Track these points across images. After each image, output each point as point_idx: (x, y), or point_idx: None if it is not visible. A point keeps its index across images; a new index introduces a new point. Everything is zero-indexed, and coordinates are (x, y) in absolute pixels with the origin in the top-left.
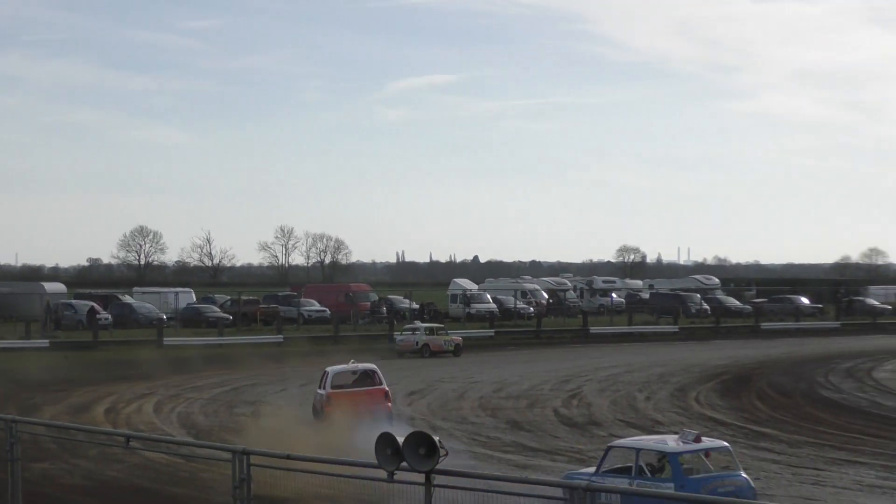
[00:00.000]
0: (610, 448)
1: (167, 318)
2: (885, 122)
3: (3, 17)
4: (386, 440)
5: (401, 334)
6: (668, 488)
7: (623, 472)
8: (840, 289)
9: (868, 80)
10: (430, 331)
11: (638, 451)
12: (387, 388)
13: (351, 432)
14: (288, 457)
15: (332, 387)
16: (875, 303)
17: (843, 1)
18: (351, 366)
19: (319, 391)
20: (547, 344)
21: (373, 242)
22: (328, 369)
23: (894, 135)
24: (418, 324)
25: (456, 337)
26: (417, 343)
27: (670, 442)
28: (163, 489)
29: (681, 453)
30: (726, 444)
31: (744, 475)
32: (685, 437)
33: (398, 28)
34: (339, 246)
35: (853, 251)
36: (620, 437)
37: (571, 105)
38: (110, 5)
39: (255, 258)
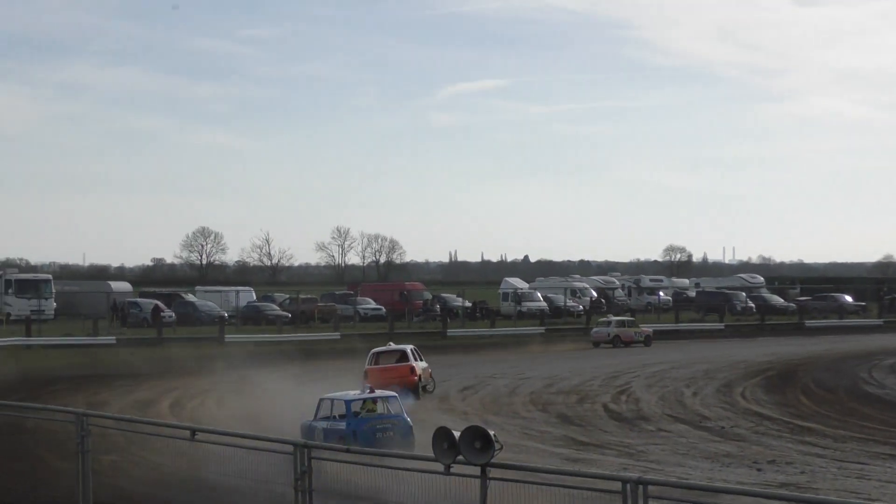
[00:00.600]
0: (321, 400)
1: (228, 316)
2: None
3: (70, 28)
4: (442, 434)
5: (596, 327)
6: (342, 426)
7: (326, 418)
8: (882, 287)
9: None
10: (622, 323)
11: (332, 400)
12: (413, 365)
13: None
14: (348, 450)
15: (370, 364)
16: None
17: (881, 4)
18: (387, 347)
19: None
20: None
21: (426, 242)
22: (372, 350)
23: None
24: (611, 317)
25: (646, 329)
26: (609, 334)
27: (350, 393)
28: (225, 480)
29: (352, 400)
30: (394, 393)
31: (406, 418)
32: (363, 390)
33: (449, 35)
34: (393, 246)
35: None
36: (667, 432)
37: (617, 108)
38: (172, 15)
39: (313, 258)
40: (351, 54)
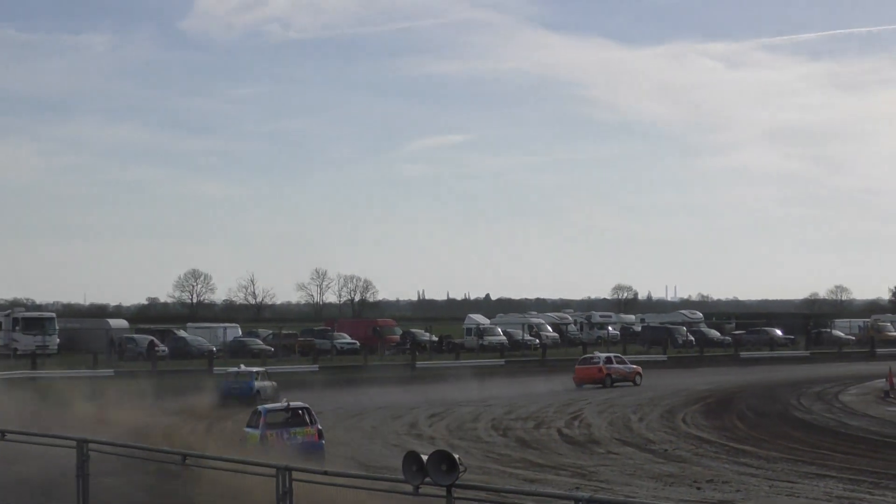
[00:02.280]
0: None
1: (217, 350)
2: (845, 175)
3: (74, 88)
4: (411, 458)
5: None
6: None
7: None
8: (809, 322)
9: (830, 137)
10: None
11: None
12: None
13: None
14: (325, 472)
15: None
16: (840, 334)
17: (807, 68)
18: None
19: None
20: (551, 372)
21: (397, 282)
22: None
23: (853, 185)
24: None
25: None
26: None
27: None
28: (215, 501)
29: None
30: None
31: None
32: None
33: (417, 93)
34: (367, 286)
35: (821, 288)
36: (616, 454)
37: (570, 160)
38: (166, 76)
39: (294, 297)
40: (327, 111)
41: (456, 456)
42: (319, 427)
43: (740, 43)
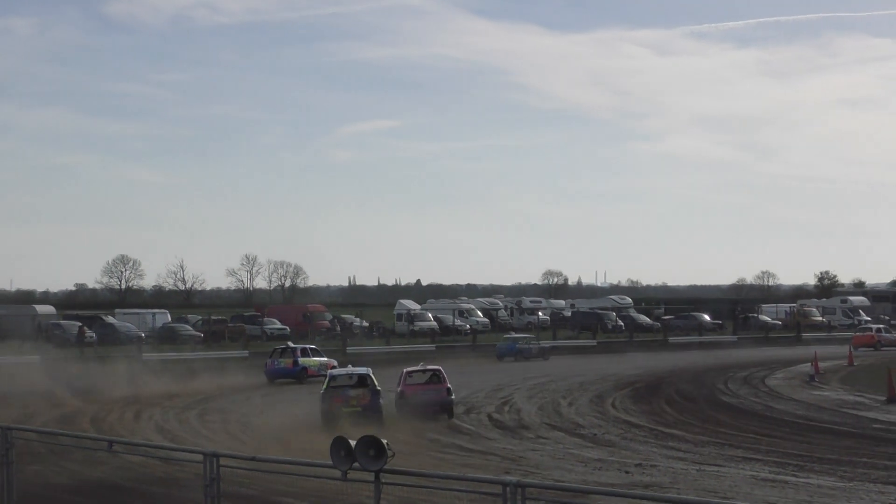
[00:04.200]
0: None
1: (145, 336)
2: (773, 162)
3: None
4: (339, 443)
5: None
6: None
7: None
8: (737, 307)
9: (758, 124)
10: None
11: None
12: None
13: None
14: (253, 458)
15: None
16: (767, 319)
17: (736, 55)
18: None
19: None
20: (481, 357)
21: (328, 268)
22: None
23: (781, 172)
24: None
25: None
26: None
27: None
28: (141, 488)
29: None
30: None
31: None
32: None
33: (347, 79)
34: (297, 271)
35: (748, 274)
36: (546, 439)
37: (500, 146)
38: (93, 60)
39: (224, 283)
40: (257, 97)
41: (384, 441)
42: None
43: (669, 30)
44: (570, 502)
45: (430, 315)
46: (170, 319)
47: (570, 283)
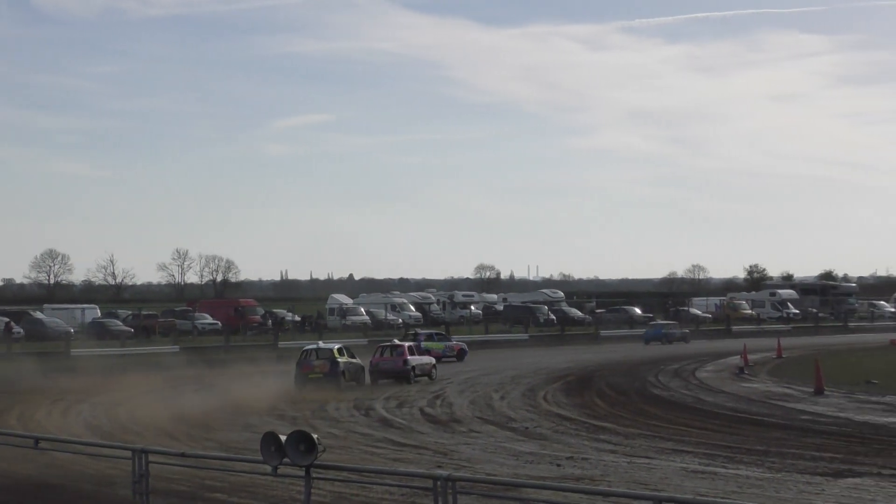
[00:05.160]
0: None
1: (74, 332)
2: (703, 156)
3: None
4: (270, 439)
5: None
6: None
7: None
8: (668, 300)
9: (689, 119)
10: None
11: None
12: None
13: None
14: (183, 454)
15: None
16: (698, 312)
17: (666, 50)
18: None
19: None
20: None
21: (260, 262)
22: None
23: (711, 166)
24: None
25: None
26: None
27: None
28: (70, 485)
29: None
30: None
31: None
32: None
33: (280, 72)
34: (229, 266)
35: (679, 267)
36: (478, 433)
37: (433, 140)
38: (21, 52)
39: (154, 277)
40: (188, 90)
41: (315, 436)
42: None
43: (600, 25)
44: (501, 496)
45: (362, 309)
46: (99, 314)
47: (502, 277)
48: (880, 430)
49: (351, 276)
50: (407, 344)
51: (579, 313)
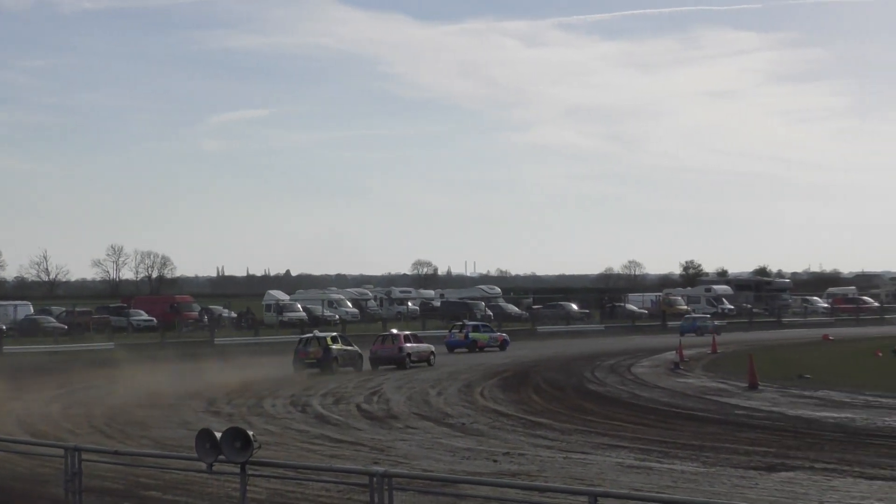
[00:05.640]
0: None
1: (6, 329)
2: (640, 152)
3: None
4: (205, 435)
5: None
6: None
7: None
8: (604, 296)
9: (626, 115)
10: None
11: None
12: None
13: None
14: (116, 452)
15: None
16: (634, 308)
17: (603, 47)
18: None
19: None
20: None
21: (196, 258)
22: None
23: (647, 163)
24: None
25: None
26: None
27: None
28: (1, 484)
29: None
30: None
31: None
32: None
33: (217, 67)
34: (165, 262)
35: (615, 263)
36: (415, 429)
37: (370, 136)
38: None
39: (89, 274)
40: (124, 84)
41: (250, 433)
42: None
43: (538, 21)
44: (438, 492)
45: (299, 306)
46: (32, 311)
47: (439, 273)
48: (813, 425)
49: (288, 272)
50: (404, 333)
51: (516, 309)
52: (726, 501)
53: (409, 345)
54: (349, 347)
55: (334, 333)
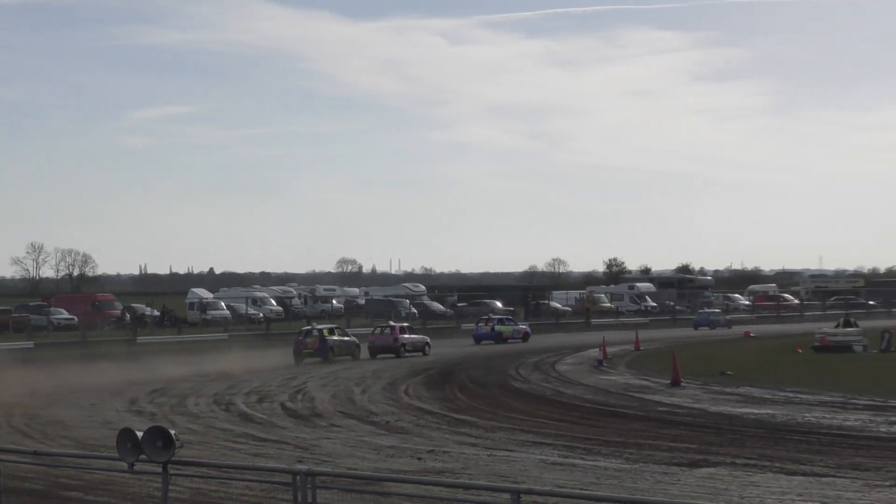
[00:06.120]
0: None
1: None
2: (563, 150)
3: None
4: (126, 435)
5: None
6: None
7: None
8: (528, 293)
9: (548, 113)
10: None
11: None
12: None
13: None
14: (36, 452)
15: None
16: (558, 305)
17: (526, 45)
18: None
19: None
20: (274, 346)
21: (118, 256)
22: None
23: (570, 161)
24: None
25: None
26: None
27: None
28: None
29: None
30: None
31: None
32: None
33: (138, 63)
34: (86, 260)
35: (539, 261)
36: (339, 427)
37: (294, 133)
38: None
39: (8, 272)
40: (43, 80)
41: (172, 432)
42: None
43: (461, 19)
44: (362, 490)
45: (222, 304)
46: None
47: (364, 270)
48: (734, 421)
49: (211, 270)
50: (399, 325)
51: (441, 307)
52: (649, 497)
53: (404, 335)
54: (346, 338)
55: (332, 325)
